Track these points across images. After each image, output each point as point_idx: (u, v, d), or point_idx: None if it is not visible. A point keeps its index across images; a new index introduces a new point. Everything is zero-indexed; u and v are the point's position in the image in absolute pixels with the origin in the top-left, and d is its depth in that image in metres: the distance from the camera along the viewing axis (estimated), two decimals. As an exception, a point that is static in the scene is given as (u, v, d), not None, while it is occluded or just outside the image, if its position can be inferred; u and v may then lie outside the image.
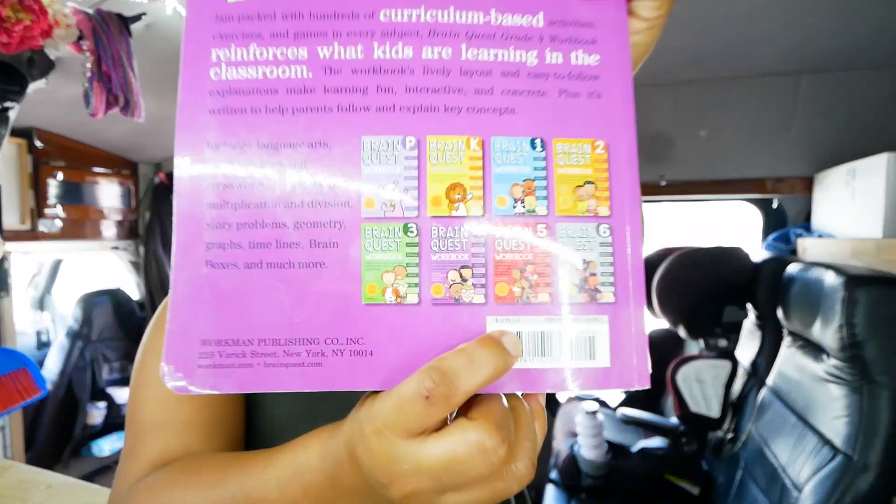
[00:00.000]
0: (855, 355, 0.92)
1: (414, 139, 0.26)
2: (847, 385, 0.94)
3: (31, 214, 1.66)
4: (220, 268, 0.25)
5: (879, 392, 0.88)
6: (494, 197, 0.25)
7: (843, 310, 0.92)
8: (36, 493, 0.68)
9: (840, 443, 0.91)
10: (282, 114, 0.26)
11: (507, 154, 0.26)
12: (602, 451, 1.42)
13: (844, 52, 1.30)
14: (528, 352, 0.24)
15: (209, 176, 0.26)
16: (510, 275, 0.25)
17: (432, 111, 0.26)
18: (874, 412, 0.88)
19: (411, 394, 0.22)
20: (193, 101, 0.26)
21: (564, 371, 0.24)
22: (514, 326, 0.25)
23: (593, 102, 0.27)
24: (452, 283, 0.25)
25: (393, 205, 0.25)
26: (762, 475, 1.10)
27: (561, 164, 0.26)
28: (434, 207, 0.25)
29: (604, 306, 0.25)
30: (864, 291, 0.90)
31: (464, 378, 0.21)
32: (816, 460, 0.95)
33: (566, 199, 0.26)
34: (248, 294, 0.25)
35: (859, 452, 0.87)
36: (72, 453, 2.09)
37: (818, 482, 0.91)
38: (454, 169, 0.26)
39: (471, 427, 0.22)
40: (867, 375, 0.91)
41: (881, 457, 0.86)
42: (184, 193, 0.25)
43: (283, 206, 0.25)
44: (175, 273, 0.25)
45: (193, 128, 0.26)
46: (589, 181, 0.26)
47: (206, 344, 0.25)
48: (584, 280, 0.25)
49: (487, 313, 0.25)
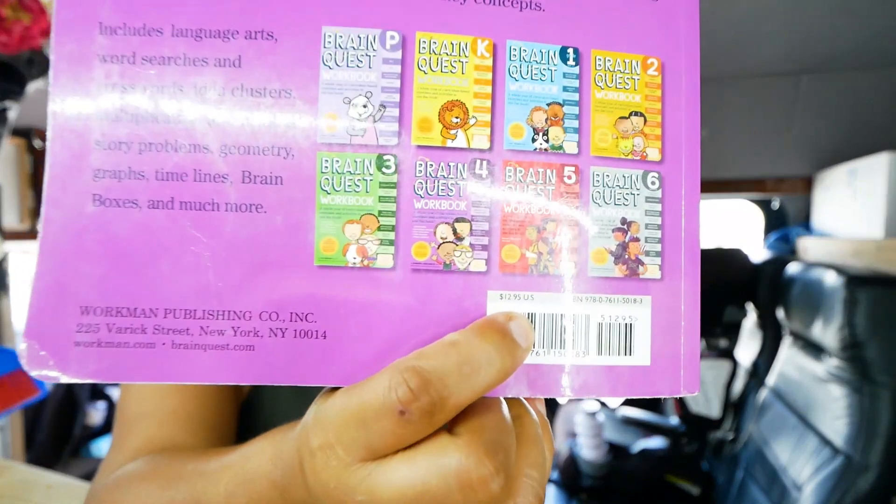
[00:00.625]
0: (855, 355, 0.91)
1: (397, 35, 0.18)
2: (848, 385, 0.93)
3: (30, 214, 1.68)
4: (114, 205, 0.18)
5: (880, 392, 0.88)
6: (507, 124, 0.18)
7: (844, 310, 0.90)
8: (36, 493, 0.68)
9: (841, 443, 0.90)
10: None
11: (528, 66, 0.18)
12: (602, 452, 1.40)
13: (844, 52, 1.29)
14: (541, 342, 0.18)
15: (99, 71, 0.18)
16: (523, 234, 0.18)
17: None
18: (875, 412, 0.87)
19: (379, 405, 0.15)
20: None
21: (588, 370, 0.18)
22: (525, 306, 0.18)
23: (648, 5, 0.19)
24: (443, 241, 0.18)
25: (363, 127, 0.18)
26: (763, 475, 1.10)
27: (600, 85, 0.19)
28: (422, 134, 0.18)
29: (647, 283, 0.18)
30: (864, 292, 0.89)
31: (454, 385, 0.15)
32: (817, 460, 0.94)
33: (605, 135, 0.19)
34: (151, 245, 0.17)
35: (860, 453, 0.87)
36: (72, 453, 2.09)
37: (819, 482, 0.90)
38: (453, 81, 0.18)
39: (452, 449, 0.15)
40: (868, 376, 0.89)
41: (882, 457, 0.85)
42: (62, 96, 0.18)
43: (205, 122, 0.18)
44: (47, 210, 0.17)
45: None
46: (636, 111, 0.19)
47: (88, 313, 0.17)
48: (623, 247, 0.18)
49: (489, 286, 0.18)
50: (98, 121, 0.18)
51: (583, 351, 0.18)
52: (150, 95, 0.18)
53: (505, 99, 0.18)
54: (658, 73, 0.19)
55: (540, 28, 0.19)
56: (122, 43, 0.18)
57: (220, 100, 0.18)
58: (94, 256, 0.17)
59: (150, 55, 0.18)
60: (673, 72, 0.19)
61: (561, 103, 0.18)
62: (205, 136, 0.18)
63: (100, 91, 0.18)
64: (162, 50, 0.18)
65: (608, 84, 0.19)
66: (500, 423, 0.16)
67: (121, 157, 0.18)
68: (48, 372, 0.17)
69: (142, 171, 0.18)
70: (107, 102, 0.18)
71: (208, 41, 0.18)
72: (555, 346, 0.18)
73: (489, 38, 0.18)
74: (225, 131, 0.18)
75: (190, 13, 0.18)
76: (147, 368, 0.17)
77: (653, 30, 0.19)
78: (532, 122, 0.18)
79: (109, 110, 0.18)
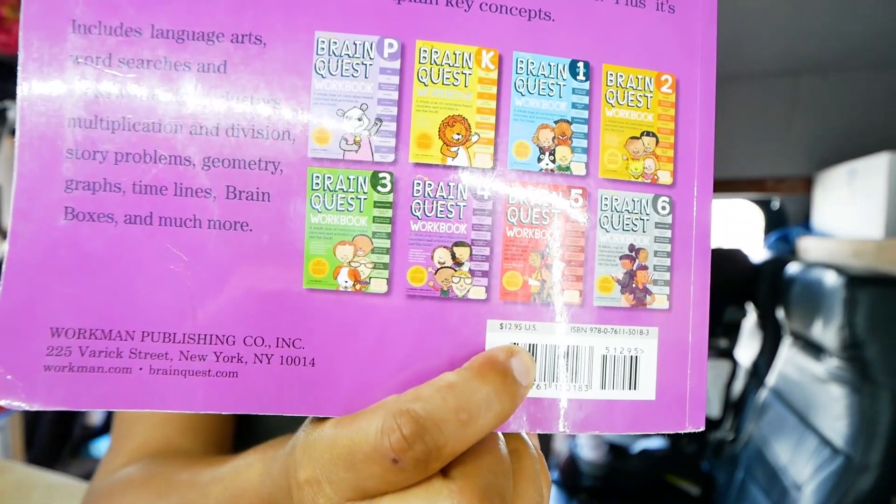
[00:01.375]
0: (855, 355, 0.90)
1: (396, 43, 0.17)
2: (848, 385, 0.93)
3: None
4: (87, 220, 0.16)
5: (880, 392, 0.87)
6: (512, 143, 0.17)
7: (844, 310, 0.90)
8: (36, 493, 0.68)
9: (841, 443, 0.90)
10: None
11: (536, 80, 0.17)
12: (602, 452, 1.39)
13: (844, 52, 1.29)
14: (542, 375, 0.17)
15: (72, 73, 0.16)
16: (526, 260, 0.17)
17: (426, 2, 0.17)
18: (875, 412, 0.87)
19: (370, 449, 0.14)
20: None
21: (591, 404, 0.17)
22: (526, 337, 0.17)
23: (664, 17, 0.18)
24: (440, 265, 0.17)
25: (357, 141, 0.17)
26: (763, 475, 1.11)
27: (611, 102, 0.18)
28: (420, 151, 0.17)
29: (654, 314, 0.17)
30: (864, 292, 0.89)
31: (450, 433, 0.14)
32: (817, 461, 0.94)
33: (614, 156, 0.17)
34: (128, 263, 0.16)
35: (860, 453, 0.87)
36: (72, 453, 2.08)
37: (819, 483, 0.91)
38: (455, 95, 0.17)
39: (445, 494, 0.14)
40: (868, 376, 0.89)
41: (882, 457, 0.84)
42: (32, 98, 0.16)
43: (187, 132, 0.16)
44: (14, 223, 0.16)
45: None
46: (648, 132, 0.18)
47: (59, 335, 0.16)
48: (631, 275, 0.17)
49: (489, 315, 0.17)
50: (70, 128, 0.16)
51: (585, 385, 0.17)
52: (128, 102, 0.16)
53: (510, 115, 0.17)
54: (672, 91, 0.18)
55: (549, 39, 0.17)
56: (98, 43, 0.16)
57: (202, 108, 0.16)
58: (66, 274, 0.16)
59: (127, 57, 0.16)
60: (688, 89, 0.18)
61: (569, 121, 0.17)
62: (186, 147, 0.16)
63: (72, 95, 0.16)
64: (140, 52, 0.16)
65: (619, 102, 0.18)
66: (498, 464, 0.15)
67: (95, 168, 0.16)
68: (14, 399, 0.16)
69: (118, 182, 0.16)
70: (80, 108, 0.16)
71: (191, 44, 0.16)
72: (556, 379, 0.17)
73: (494, 49, 0.17)
74: (208, 142, 0.16)
75: (172, 13, 0.16)
76: (123, 395, 0.16)
77: (668, 43, 0.18)
78: (538, 140, 0.17)
79: (83, 117, 0.16)
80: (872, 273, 0.94)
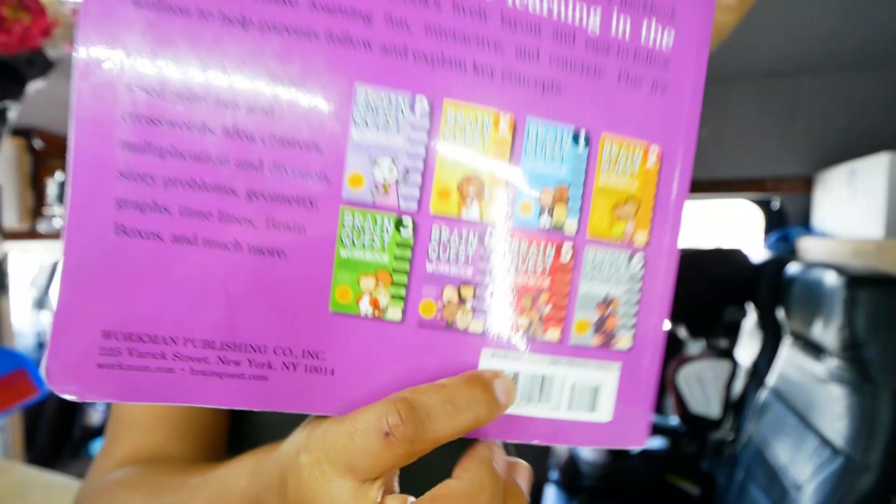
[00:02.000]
0: (856, 356, 0.90)
1: (426, 101, 0.19)
2: (848, 385, 0.92)
3: (30, 214, 1.65)
4: (137, 237, 0.18)
5: (880, 392, 0.87)
6: (518, 200, 0.20)
7: (844, 310, 0.89)
8: (36, 494, 0.68)
9: (841, 443, 0.90)
10: (244, 27, 0.18)
11: (543, 145, 0.20)
12: (602, 452, 1.39)
13: (844, 52, 1.27)
14: (521, 395, 0.20)
15: (126, 98, 0.18)
16: (520, 302, 0.20)
17: (457, 67, 0.19)
18: (875, 413, 0.86)
19: (368, 425, 0.17)
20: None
21: (557, 422, 0.21)
22: (512, 366, 0.20)
23: (656, 98, 0.21)
24: (448, 302, 0.20)
25: (387, 187, 0.19)
26: (763, 476, 1.09)
27: (605, 170, 0.21)
28: (441, 202, 0.19)
29: (618, 353, 0.21)
30: (865, 292, 0.88)
31: (437, 420, 0.17)
32: (817, 461, 0.93)
33: (602, 218, 0.21)
34: (173, 277, 0.18)
35: (860, 453, 0.86)
36: (71, 453, 2.03)
37: (819, 483, 0.90)
38: (474, 154, 0.19)
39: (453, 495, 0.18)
40: (868, 376, 0.89)
41: (882, 457, 0.84)
42: (86, 115, 0.18)
43: (234, 165, 0.18)
44: (69, 236, 0.18)
45: (109, 18, 0.17)
46: (632, 199, 0.21)
47: (111, 337, 0.18)
48: (602, 320, 0.21)
49: (484, 345, 0.20)
50: (122, 152, 0.18)
51: (556, 406, 0.21)
52: (178, 132, 0.18)
53: (518, 176, 0.20)
54: (657, 162, 0.21)
55: (557, 109, 0.20)
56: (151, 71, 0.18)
57: (249, 145, 0.18)
58: (116, 284, 0.18)
59: (179, 91, 0.18)
60: (670, 160, 0.21)
61: (567, 185, 0.20)
62: (233, 178, 0.18)
63: (124, 122, 0.18)
64: (191, 86, 0.18)
65: (612, 170, 0.21)
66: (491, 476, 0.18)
67: (145, 190, 0.18)
68: (70, 392, 0.18)
69: (166, 205, 0.18)
70: (131, 135, 0.18)
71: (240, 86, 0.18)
72: (533, 400, 0.20)
73: (511, 113, 0.20)
74: (251, 176, 0.18)
75: (224, 50, 0.18)
76: (166, 390, 0.19)
77: (658, 121, 0.21)
78: (541, 201, 0.20)
79: (135, 142, 0.18)
80: (873, 273, 0.92)
